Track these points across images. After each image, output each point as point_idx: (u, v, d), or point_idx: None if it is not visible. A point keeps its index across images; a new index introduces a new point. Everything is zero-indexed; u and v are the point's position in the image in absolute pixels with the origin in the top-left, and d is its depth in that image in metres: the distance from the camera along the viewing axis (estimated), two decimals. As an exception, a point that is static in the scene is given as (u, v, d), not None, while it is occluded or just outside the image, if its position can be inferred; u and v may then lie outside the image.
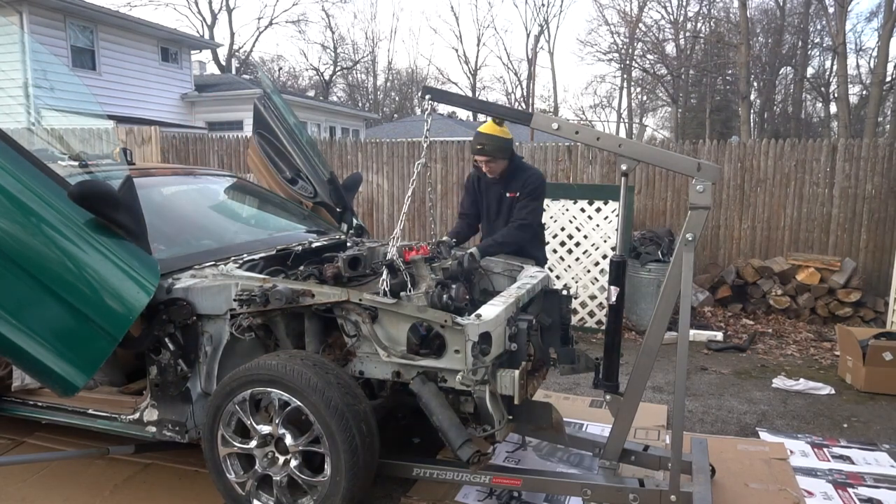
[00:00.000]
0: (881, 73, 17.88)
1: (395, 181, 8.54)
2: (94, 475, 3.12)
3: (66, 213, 2.52)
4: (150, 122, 13.35)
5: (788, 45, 25.18)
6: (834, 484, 3.14)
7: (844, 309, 6.37)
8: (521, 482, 2.71)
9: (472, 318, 2.47)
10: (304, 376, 2.44)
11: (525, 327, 2.68)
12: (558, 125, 2.57)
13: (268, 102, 4.15)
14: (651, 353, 2.60)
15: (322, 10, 38.38)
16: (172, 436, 2.82)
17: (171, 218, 3.57)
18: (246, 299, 2.63)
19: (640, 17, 27.83)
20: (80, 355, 2.53)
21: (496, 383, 2.53)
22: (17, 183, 2.46)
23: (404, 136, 16.08)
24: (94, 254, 2.53)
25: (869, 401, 4.40)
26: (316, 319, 2.77)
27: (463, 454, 2.41)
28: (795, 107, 26.93)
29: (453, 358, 2.46)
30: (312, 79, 34.60)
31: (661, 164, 2.60)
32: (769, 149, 6.99)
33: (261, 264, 3.07)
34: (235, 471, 2.66)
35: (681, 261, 2.47)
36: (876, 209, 6.64)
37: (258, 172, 4.41)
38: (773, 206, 6.98)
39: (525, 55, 35.62)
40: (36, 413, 3.15)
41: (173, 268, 2.85)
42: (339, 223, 4.12)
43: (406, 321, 2.56)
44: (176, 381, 2.78)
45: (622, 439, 2.72)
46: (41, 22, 13.08)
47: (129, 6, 27.16)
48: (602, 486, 2.63)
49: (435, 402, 2.49)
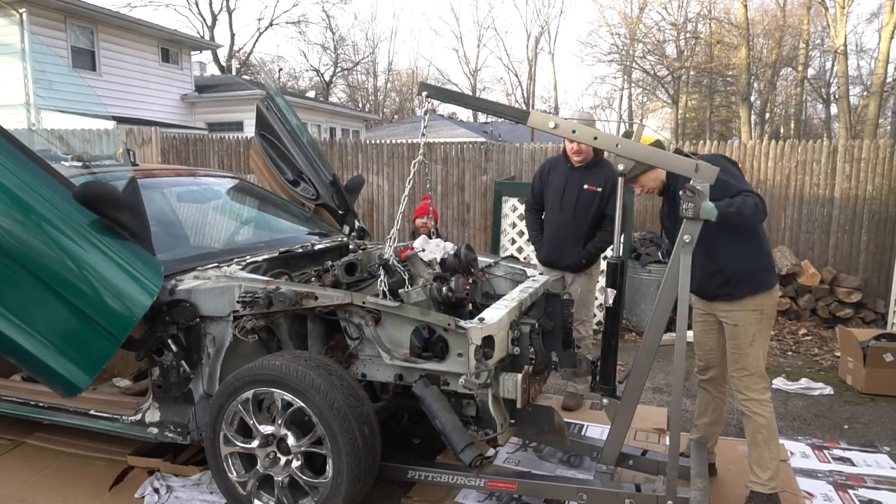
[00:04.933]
0: (882, 74, 17.89)
1: (395, 182, 8.55)
2: (94, 475, 3.12)
3: (71, 214, 2.53)
4: (151, 122, 13.37)
5: (789, 47, 25.18)
6: (834, 485, 3.14)
7: (845, 310, 6.38)
8: (516, 486, 2.71)
9: (475, 322, 2.47)
10: (307, 377, 2.44)
11: (528, 331, 2.68)
12: (555, 124, 2.54)
13: (270, 104, 4.16)
14: (649, 355, 2.60)
15: (322, 11, 38.11)
16: (174, 437, 2.83)
17: (174, 219, 3.58)
18: (249, 301, 2.63)
19: (641, 17, 27.87)
20: (83, 356, 2.54)
21: (499, 387, 2.54)
22: (22, 184, 2.47)
23: (405, 137, 16.09)
24: (97, 255, 2.54)
25: (869, 402, 4.41)
26: (319, 322, 2.78)
27: (465, 458, 2.42)
28: (796, 108, 26.95)
29: (456, 361, 2.47)
30: (313, 80, 34.60)
31: (658, 165, 2.58)
32: (769, 150, 7.00)
33: (264, 266, 3.07)
34: (237, 470, 2.66)
35: (678, 262, 2.47)
36: (876, 210, 6.65)
37: (260, 174, 4.42)
38: (774, 208, 6.97)
39: (525, 56, 35.65)
40: (37, 413, 3.15)
41: (176, 269, 2.85)
42: (341, 225, 4.13)
43: (409, 324, 2.56)
44: (178, 383, 2.79)
45: (619, 443, 2.71)
46: (41, 22, 13.07)
47: (130, 7, 27.14)
48: (597, 491, 2.62)
49: (437, 405, 2.49)
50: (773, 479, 2.76)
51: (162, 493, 2.91)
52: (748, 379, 2.78)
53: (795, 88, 25.84)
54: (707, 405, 3.09)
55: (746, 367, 2.78)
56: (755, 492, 2.77)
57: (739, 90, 23.72)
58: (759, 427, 2.76)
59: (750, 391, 2.78)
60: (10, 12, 12.51)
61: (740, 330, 2.76)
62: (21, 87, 11.45)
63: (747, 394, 2.79)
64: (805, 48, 23.18)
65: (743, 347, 2.77)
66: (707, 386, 3.08)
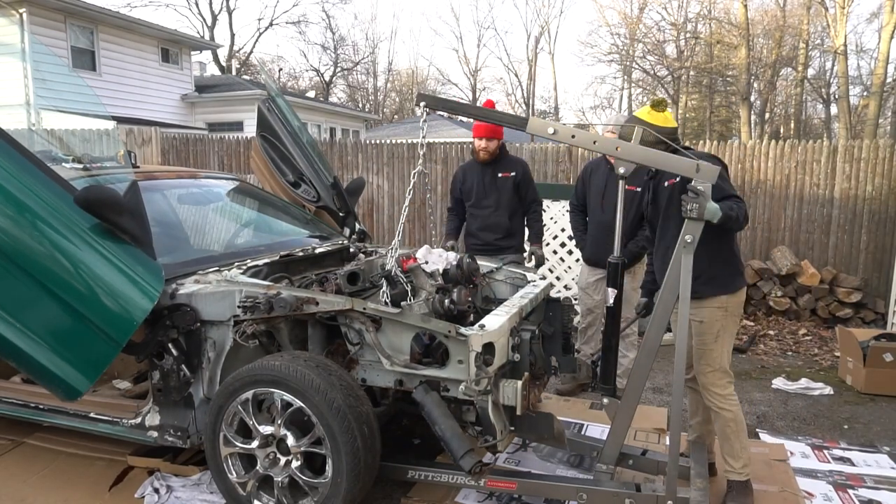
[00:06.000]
0: (882, 74, 17.89)
1: (395, 182, 8.55)
2: (94, 475, 3.13)
3: (72, 218, 2.53)
4: (151, 122, 13.37)
5: (789, 47, 25.17)
6: (834, 485, 3.15)
7: (845, 310, 6.38)
8: (516, 486, 2.71)
9: (475, 329, 2.47)
10: (307, 377, 2.45)
11: (528, 338, 2.69)
12: (555, 129, 2.54)
13: (271, 105, 4.16)
14: (650, 355, 2.61)
15: (322, 11, 38.05)
16: (174, 441, 2.83)
17: (175, 222, 3.58)
18: (250, 306, 2.64)
19: (641, 17, 27.86)
20: (83, 360, 2.54)
21: (499, 393, 2.54)
22: (24, 188, 2.48)
23: (405, 137, 16.09)
24: (98, 259, 2.54)
25: (869, 402, 4.41)
26: (319, 327, 2.78)
27: (465, 464, 2.42)
28: (796, 108, 26.94)
29: (456, 368, 2.47)
30: (313, 80, 34.57)
31: (659, 166, 2.58)
32: (769, 150, 7.01)
33: (264, 270, 3.07)
34: (237, 471, 2.67)
35: (680, 263, 2.47)
36: (876, 210, 6.65)
37: (261, 175, 4.42)
38: (774, 208, 6.98)
39: (525, 56, 35.63)
40: (37, 416, 3.16)
41: (177, 273, 2.86)
42: (342, 228, 4.13)
43: (409, 330, 2.57)
44: (178, 387, 2.79)
45: (619, 443, 2.72)
46: (41, 22, 13.07)
47: (130, 7, 27.14)
48: (597, 491, 2.63)
49: (437, 411, 2.49)
50: (746, 466, 2.86)
51: (162, 493, 2.92)
52: (712, 375, 2.84)
53: (795, 88, 25.83)
54: (697, 404, 3.13)
55: (710, 364, 2.83)
56: (732, 480, 2.87)
57: (739, 90, 23.71)
58: (727, 421, 2.84)
59: (715, 387, 2.84)
60: (10, 12, 12.51)
61: (705, 327, 2.82)
62: (21, 87, 11.46)
63: (713, 390, 2.85)
64: (805, 48, 23.18)
65: (707, 343, 2.83)
66: (693, 385, 3.10)
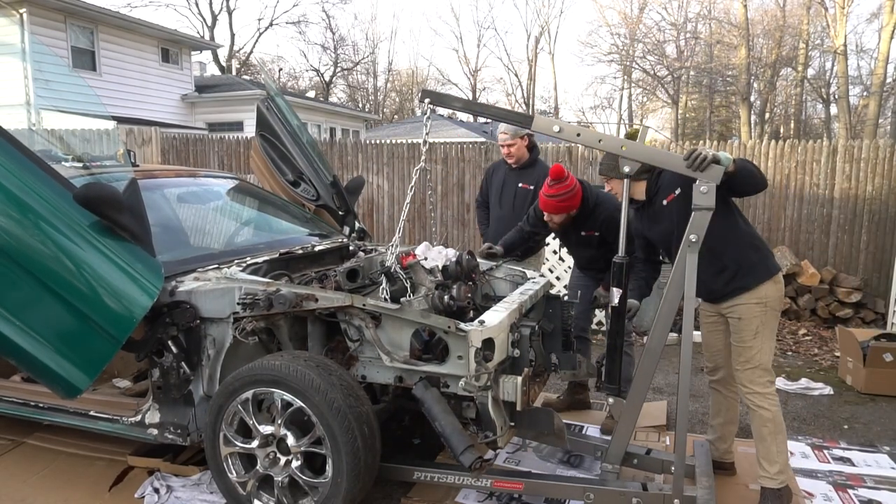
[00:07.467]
0: (881, 74, 17.90)
1: (395, 182, 8.55)
2: (94, 475, 3.12)
3: (71, 215, 2.53)
4: (151, 122, 13.38)
5: (789, 47, 25.17)
6: (834, 485, 3.15)
7: (845, 310, 6.38)
8: (522, 486, 2.71)
9: (475, 325, 2.47)
10: (307, 377, 2.44)
11: (528, 334, 2.68)
12: (560, 127, 2.54)
13: (271, 104, 4.16)
14: (654, 356, 2.60)
15: (322, 11, 38.02)
16: (174, 438, 2.83)
17: (175, 220, 3.58)
18: (249, 303, 2.63)
19: (641, 17, 27.87)
20: (83, 357, 2.54)
21: (498, 389, 2.54)
22: (23, 185, 2.47)
23: (405, 137, 16.10)
24: (98, 256, 2.54)
25: (869, 402, 4.41)
26: (319, 324, 2.78)
27: (465, 460, 2.42)
28: (796, 108, 26.96)
29: (456, 364, 2.47)
30: (313, 80, 34.56)
31: (664, 166, 2.58)
32: (769, 150, 7.00)
33: (264, 268, 3.07)
34: (237, 470, 2.66)
35: (685, 262, 2.47)
36: (876, 210, 6.65)
37: (261, 174, 4.42)
38: (773, 208, 6.98)
39: (525, 56, 35.64)
40: (37, 414, 3.15)
41: (177, 270, 2.85)
42: (342, 226, 4.13)
43: (409, 326, 2.56)
44: (178, 384, 2.79)
45: (625, 442, 2.72)
46: (41, 22, 13.07)
47: (130, 7, 27.14)
48: (605, 491, 2.62)
49: (437, 407, 2.49)
50: (782, 472, 2.76)
51: (162, 493, 2.92)
52: (751, 372, 2.77)
53: (795, 88, 25.85)
54: (720, 406, 3.11)
55: (749, 360, 2.77)
56: (765, 487, 2.78)
57: (739, 90, 23.74)
58: (765, 421, 2.76)
59: (753, 384, 2.77)
60: (10, 12, 12.51)
61: (744, 323, 2.77)
62: (21, 86, 11.45)
63: (751, 387, 2.78)
64: (805, 48, 23.19)
65: (746, 340, 2.77)
66: (718, 387, 3.09)
